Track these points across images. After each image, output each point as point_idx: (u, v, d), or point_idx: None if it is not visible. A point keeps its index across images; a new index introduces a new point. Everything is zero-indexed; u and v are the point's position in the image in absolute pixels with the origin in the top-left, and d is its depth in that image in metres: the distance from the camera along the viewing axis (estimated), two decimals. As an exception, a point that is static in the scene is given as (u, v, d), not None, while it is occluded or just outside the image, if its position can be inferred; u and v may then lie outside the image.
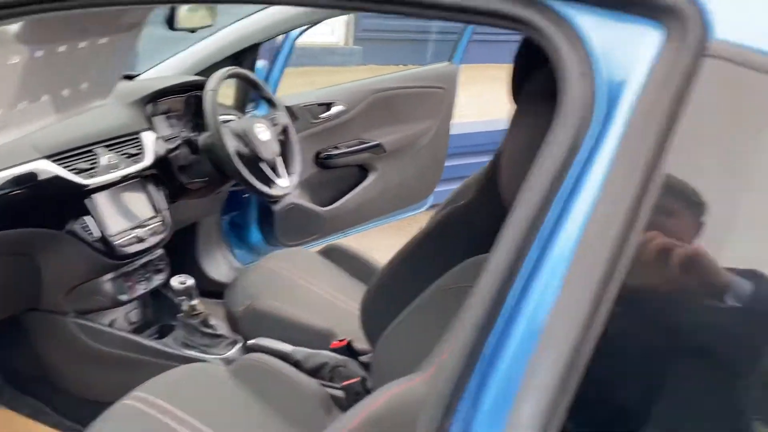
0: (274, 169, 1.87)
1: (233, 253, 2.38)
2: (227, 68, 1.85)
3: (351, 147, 2.52)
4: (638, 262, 0.56)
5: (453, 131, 2.89)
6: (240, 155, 1.77)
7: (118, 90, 1.66)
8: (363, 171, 2.64)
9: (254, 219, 2.38)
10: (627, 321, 0.58)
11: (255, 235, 2.40)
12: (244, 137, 1.82)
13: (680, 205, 0.60)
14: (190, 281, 1.65)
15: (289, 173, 1.92)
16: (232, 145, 1.76)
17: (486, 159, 1.06)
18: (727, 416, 0.62)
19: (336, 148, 2.45)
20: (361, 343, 1.42)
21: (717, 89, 0.56)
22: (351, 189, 2.60)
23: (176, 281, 1.65)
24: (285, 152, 1.95)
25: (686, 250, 0.58)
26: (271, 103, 1.99)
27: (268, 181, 1.84)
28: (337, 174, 2.50)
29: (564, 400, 0.53)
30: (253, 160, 1.81)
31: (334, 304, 1.69)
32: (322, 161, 2.41)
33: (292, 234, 2.34)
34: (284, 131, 1.97)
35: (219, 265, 2.26)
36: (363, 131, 2.56)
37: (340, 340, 1.49)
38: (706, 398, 0.62)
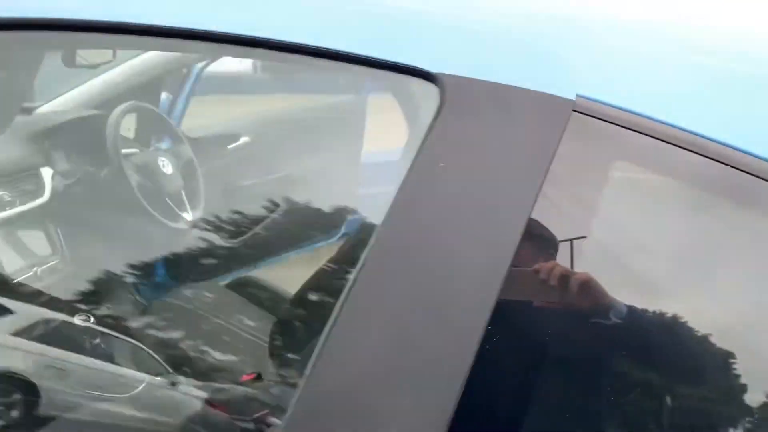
0: (179, 203, 1.85)
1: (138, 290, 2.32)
2: (128, 102, 1.82)
3: (259, 178, 2.52)
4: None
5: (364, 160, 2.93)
6: (143, 189, 1.75)
7: (14, 123, 1.62)
8: (272, 203, 2.63)
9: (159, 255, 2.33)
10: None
11: (160, 271, 2.35)
12: (146, 171, 1.79)
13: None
14: (92, 319, 1.60)
15: (192, 207, 1.91)
16: (134, 179, 1.73)
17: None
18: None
19: (243, 179, 2.44)
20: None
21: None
22: (261, 221, 2.58)
23: (78, 320, 1.60)
24: (189, 186, 1.93)
25: (580, 276, 0.68)
26: (174, 136, 1.97)
27: (174, 215, 1.82)
28: (245, 206, 2.48)
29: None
30: (156, 194, 1.79)
31: (241, 337, 1.68)
32: (229, 193, 2.39)
33: (199, 269, 2.31)
34: (188, 164, 1.95)
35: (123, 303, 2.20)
36: (272, 162, 2.56)
37: (249, 374, 1.48)
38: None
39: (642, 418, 0.76)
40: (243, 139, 2.43)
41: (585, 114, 0.71)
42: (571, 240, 0.73)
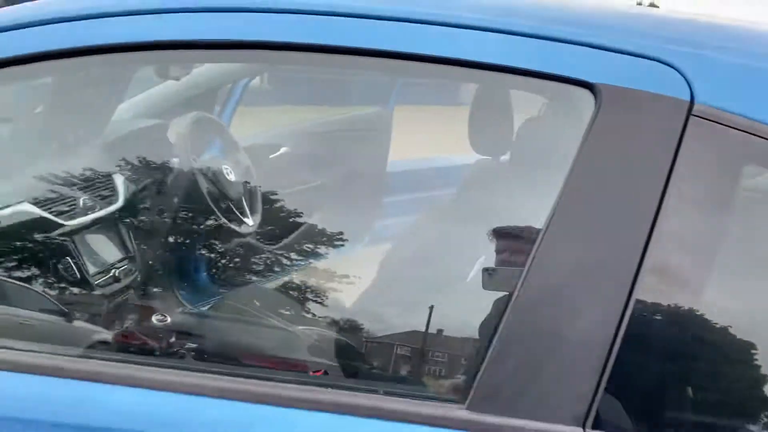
0: (241, 209, 1.93)
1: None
2: (196, 112, 1.90)
3: (295, 187, 2.60)
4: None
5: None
6: (212, 196, 1.82)
7: (90, 132, 1.69)
8: (307, 210, 2.71)
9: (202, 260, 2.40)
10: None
11: (203, 275, 2.42)
12: (214, 178, 1.87)
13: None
14: (168, 319, 1.67)
15: (252, 213, 1.99)
16: (204, 186, 1.81)
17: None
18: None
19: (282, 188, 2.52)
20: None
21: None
22: (297, 228, 2.66)
23: (155, 319, 1.67)
24: (248, 193, 2.01)
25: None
26: (233, 145, 2.05)
27: (238, 221, 1.90)
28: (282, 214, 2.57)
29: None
30: (223, 201, 1.87)
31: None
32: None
33: (261, 271, 2.38)
34: (247, 172, 2.04)
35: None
36: (306, 172, 2.65)
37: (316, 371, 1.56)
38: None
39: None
40: (283, 149, 2.51)
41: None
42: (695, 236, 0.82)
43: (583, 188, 0.78)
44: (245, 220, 1.93)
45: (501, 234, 1.03)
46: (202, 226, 2.07)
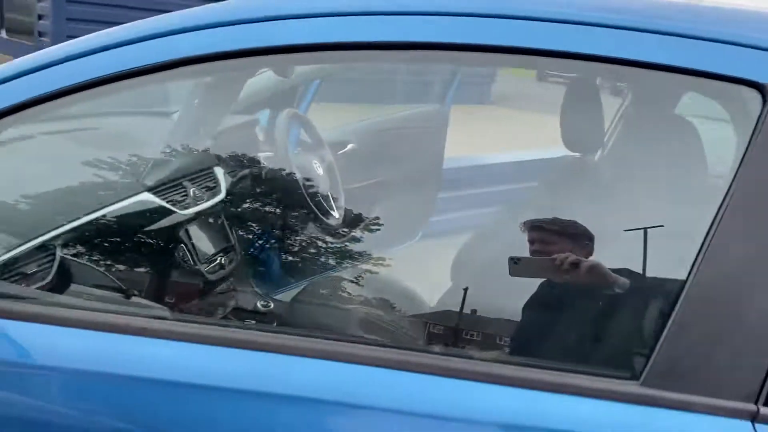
0: (328, 202, 2.01)
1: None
2: (289, 109, 1.98)
3: (361, 183, 2.68)
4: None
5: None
6: (306, 188, 1.90)
7: (191, 128, 1.76)
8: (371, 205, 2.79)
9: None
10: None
11: (276, 268, 2.49)
12: (306, 172, 1.95)
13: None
14: (272, 305, 1.75)
15: (337, 207, 2.06)
16: (299, 179, 1.89)
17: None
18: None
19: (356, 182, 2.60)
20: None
21: None
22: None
23: (260, 305, 1.75)
24: (333, 187, 2.09)
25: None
26: (319, 141, 2.13)
27: (327, 213, 1.98)
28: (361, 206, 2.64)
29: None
30: (314, 194, 1.95)
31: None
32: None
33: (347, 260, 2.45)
34: (330, 167, 2.11)
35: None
36: (370, 168, 2.72)
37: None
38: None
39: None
40: (350, 146, 2.58)
41: None
42: None
43: (754, 182, 0.85)
44: (333, 213, 2.00)
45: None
46: (297, 218, 2.15)
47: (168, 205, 1.62)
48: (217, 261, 1.75)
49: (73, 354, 0.99)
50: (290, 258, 2.42)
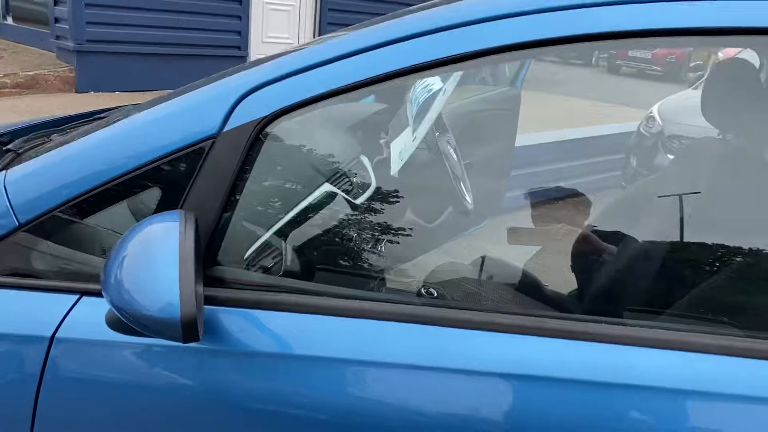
0: (466, 187, 2.06)
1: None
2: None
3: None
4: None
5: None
6: (451, 173, 1.95)
7: (333, 118, 1.79)
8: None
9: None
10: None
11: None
12: (447, 158, 1.99)
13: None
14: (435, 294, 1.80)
15: (468, 191, 2.11)
16: (446, 164, 1.93)
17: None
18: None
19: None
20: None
21: None
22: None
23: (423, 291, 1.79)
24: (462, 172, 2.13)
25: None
26: (446, 129, 2.16)
27: (464, 197, 2.02)
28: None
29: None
30: (454, 179, 1.99)
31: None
32: None
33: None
34: (457, 154, 2.15)
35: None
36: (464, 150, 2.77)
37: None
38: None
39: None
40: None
41: None
42: None
43: None
44: (467, 196, 2.05)
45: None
46: (444, 202, 2.19)
47: (346, 197, 1.65)
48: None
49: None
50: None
